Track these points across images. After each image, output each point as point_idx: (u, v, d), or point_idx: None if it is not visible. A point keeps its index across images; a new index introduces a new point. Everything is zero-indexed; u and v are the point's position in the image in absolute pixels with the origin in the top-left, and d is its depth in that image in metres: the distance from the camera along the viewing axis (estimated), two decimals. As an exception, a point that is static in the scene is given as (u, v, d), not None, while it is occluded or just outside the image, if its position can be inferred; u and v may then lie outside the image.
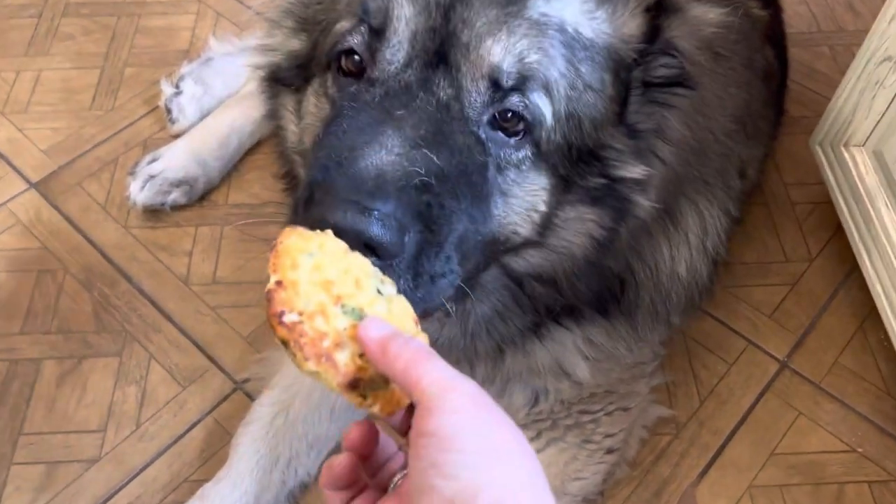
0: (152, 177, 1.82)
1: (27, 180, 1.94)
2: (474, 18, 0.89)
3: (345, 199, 0.81)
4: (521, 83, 0.90)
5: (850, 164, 1.58)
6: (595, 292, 1.15)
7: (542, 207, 0.96)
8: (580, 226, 1.02)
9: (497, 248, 1.00)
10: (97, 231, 1.84)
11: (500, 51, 0.89)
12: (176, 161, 1.85)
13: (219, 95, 1.98)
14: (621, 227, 1.05)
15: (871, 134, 1.55)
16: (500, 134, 0.92)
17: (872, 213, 1.53)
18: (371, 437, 0.79)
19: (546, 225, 0.99)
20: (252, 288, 1.75)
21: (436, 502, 0.63)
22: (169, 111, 1.98)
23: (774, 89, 1.59)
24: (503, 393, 1.35)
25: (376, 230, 0.80)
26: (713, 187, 1.23)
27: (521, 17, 0.90)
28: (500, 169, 0.93)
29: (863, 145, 1.58)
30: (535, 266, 1.07)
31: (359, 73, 0.95)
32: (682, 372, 1.63)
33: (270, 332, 1.62)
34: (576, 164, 0.95)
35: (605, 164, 0.98)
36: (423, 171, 0.84)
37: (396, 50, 0.92)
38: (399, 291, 0.78)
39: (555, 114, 0.91)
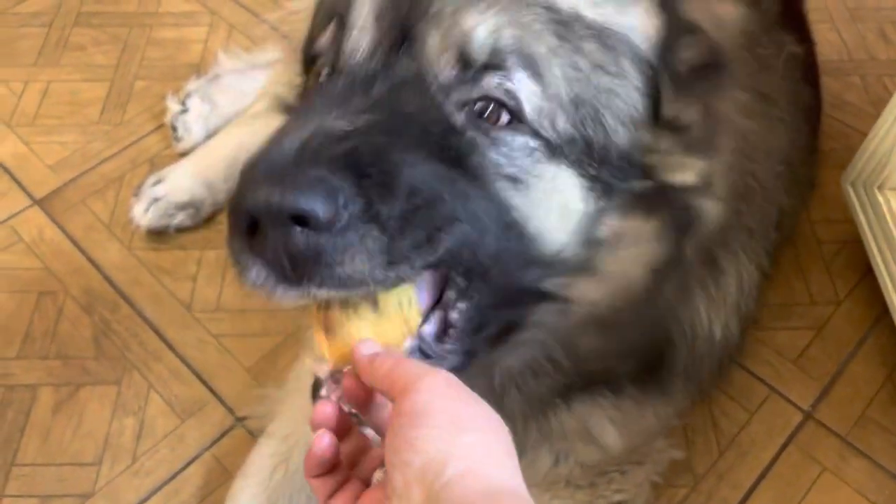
0: (157, 199, 1.77)
1: (31, 197, 1.89)
2: None
3: (259, 179, 0.73)
4: (498, 59, 0.78)
5: (885, 207, 1.51)
6: (642, 353, 1.06)
7: (578, 205, 0.83)
8: (636, 247, 0.88)
9: (534, 261, 0.85)
10: (100, 252, 1.80)
11: (473, 20, 0.78)
12: (181, 183, 1.80)
13: (226, 114, 1.93)
14: (686, 244, 0.92)
15: (907, 178, 1.47)
16: (484, 122, 0.80)
17: (906, 260, 1.45)
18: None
19: (591, 236, 0.86)
20: (256, 316, 1.69)
21: (408, 475, 0.66)
22: (175, 129, 1.93)
23: (814, 132, 1.51)
24: (528, 455, 1.27)
25: (296, 199, 0.70)
26: (754, 240, 1.15)
27: None
28: (497, 154, 0.81)
29: (898, 189, 1.51)
30: (587, 297, 0.92)
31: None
32: (702, 418, 1.56)
33: (272, 365, 1.58)
34: (604, 166, 0.83)
35: (649, 170, 0.87)
36: (351, 127, 0.75)
37: (361, 34, 0.83)
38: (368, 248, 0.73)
39: (550, 97, 0.79)
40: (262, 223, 0.72)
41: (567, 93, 0.80)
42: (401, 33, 0.81)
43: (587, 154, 0.82)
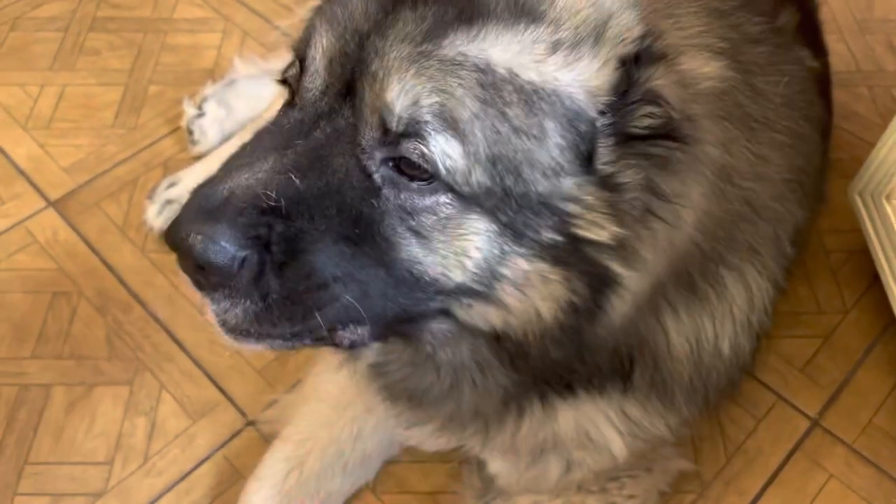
0: (170, 202, 1.79)
1: (46, 198, 1.92)
2: (387, 50, 0.85)
3: (185, 220, 0.83)
4: (414, 128, 0.83)
5: (892, 217, 1.52)
6: (589, 365, 1.07)
7: (475, 253, 0.88)
8: (542, 286, 0.92)
9: (426, 289, 0.92)
10: (114, 254, 1.82)
11: (396, 92, 0.83)
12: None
13: (241, 118, 1.95)
14: (606, 299, 0.95)
15: (914, 188, 1.49)
16: (403, 177, 0.86)
17: (914, 269, 1.47)
18: None
19: (488, 275, 0.90)
20: (268, 319, 1.71)
21: None
22: (191, 133, 1.95)
23: (827, 148, 1.52)
24: (537, 462, 1.29)
25: (201, 252, 0.81)
26: (764, 256, 1.15)
27: (432, 58, 0.83)
28: (407, 212, 0.86)
29: (905, 198, 1.52)
30: (488, 321, 0.97)
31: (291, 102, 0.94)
32: (709, 425, 1.57)
33: (282, 368, 1.59)
34: (521, 212, 0.87)
35: (565, 218, 0.89)
36: (273, 195, 0.83)
37: (314, 77, 0.90)
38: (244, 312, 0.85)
39: (470, 155, 0.83)
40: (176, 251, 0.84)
41: (486, 151, 0.84)
42: (346, 85, 0.88)
43: (504, 202, 0.86)
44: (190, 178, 1.84)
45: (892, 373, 1.64)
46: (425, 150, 0.83)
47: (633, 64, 0.87)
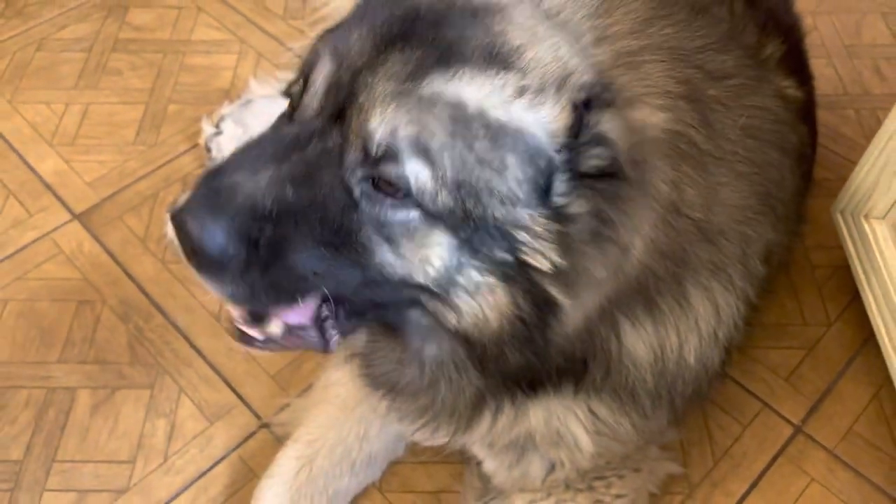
0: (190, 215, 1.88)
1: (71, 212, 2.02)
2: (374, 85, 0.97)
3: (191, 206, 0.95)
4: (391, 154, 0.95)
5: (870, 236, 1.61)
6: (547, 368, 1.16)
7: (436, 262, 1.00)
8: (490, 297, 1.03)
9: (395, 285, 1.05)
10: (135, 265, 1.92)
11: (377, 123, 0.95)
12: (213, 200, 1.92)
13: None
14: (548, 317, 1.05)
15: (891, 208, 1.58)
16: (379, 193, 0.99)
17: (890, 285, 1.55)
18: None
19: (446, 280, 1.03)
20: (281, 327, 1.81)
21: None
22: (209, 150, 2.06)
23: (807, 172, 1.60)
24: (520, 461, 1.39)
25: (197, 239, 0.94)
26: (730, 275, 1.24)
27: (412, 95, 0.95)
28: (381, 223, 0.99)
29: (883, 218, 1.61)
30: (447, 319, 1.08)
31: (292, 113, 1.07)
32: (698, 430, 1.66)
33: (296, 373, 1.71)
34: (478, 231, 0.99)
35: (514, 244, 1.00)
36: (269, 204, 0.96)
37: (312, 97, 1.02)
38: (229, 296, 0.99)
39: (438, 178, 0.95)
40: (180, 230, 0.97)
41: (452, 176, 0.96)
42: (337, 109, 1.00)
43: (464, 221, 0.98)
44: (208, 194, 1.94)
45: (872, 383, 1.73)
46: (399, 173, 0.95)
47: (585, 109, 0.98)
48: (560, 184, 0.99)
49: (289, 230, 0.98)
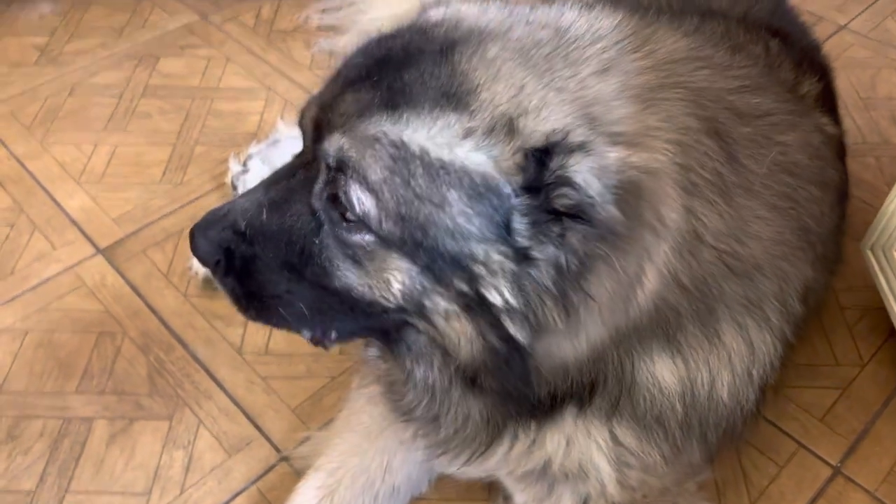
0: (215, 248, 1.89)
1: (95, 246, 2.03)
2: (332, 119, 1.05)
3: (198, 223, 1.14)
4: (341, 168, 1.02)
5: (903, 268, 1.60)
6: (541, 392, 1.14)
7: (397, 286, 1.04)
8: (458, 325, 1.06)
9: (373, 308, 1.10)
10: (157, 298, 1.91)
11: (330, 142, 1.04)
12: (238, 234, 1.93)
13: (283, 175, 2.07)
14: (522, 354, 1.06)
15: (922, 240, 1.57)
16: (335, 212, 1.05)
17: (926, 318, 1.53)
18: None
19: (416, 303, 1.06)
20: (302, 360, 1.78)
21: None
22: (235, 188, 2.08)
23: (844, 211, 1.59)
24: (550, 494, 1.34)
25: (197, 245, 1.13)
26: (766, 312, 1.21)
27: (358, 131, 1.01)
28: (343, 242, 1.05)
29: (914, 251, 1.60)
30: (433, 338, 1.11)
31: None
32: (731, 470, 1.61)
33: (317, 406, 1.69)
34: (435, 261, 1.01)
35: (472, 276, 1.02)
36: (243, 224, 1.10)
37: (303, 136, 1.13)
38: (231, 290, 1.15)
39: (381, 208, 1.00)
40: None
41: (394, 209, 1.00)
42: (314, 144, 1.09)
43: (418, 250, 1.02)
44: (233, 228, 1.95)
45: (911, 424, 1.68)
46: (346, 191, 1.01)
47: (546, 154, 0.98)
48: (520, 225, 1.00)
49: (259, 249, 1.10)
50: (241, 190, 2.06)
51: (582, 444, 1.28)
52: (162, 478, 1.59)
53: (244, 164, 2.09)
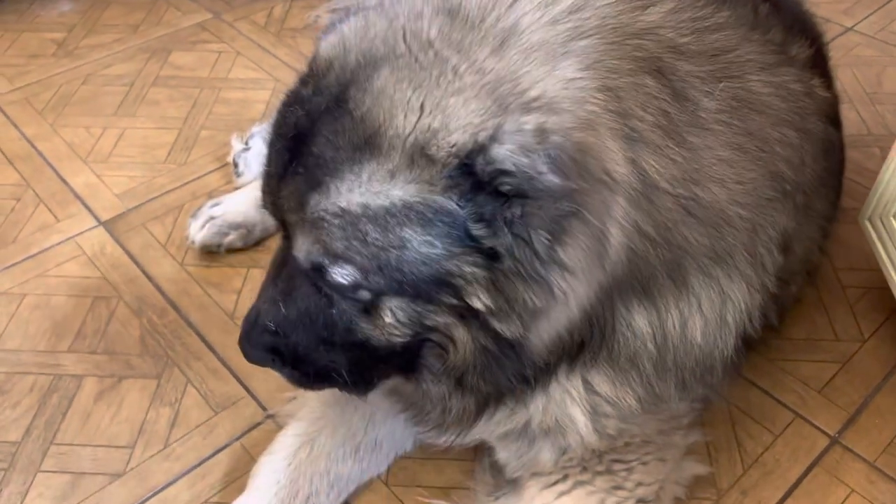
0: (213, 218, 1.91)
1: (97, 219, 2.06)
2: (285, 215, 1.09)
3: (241, 339, 1.21)
4: (318, 268, 1.07)
5: (900, 233, 1.57)
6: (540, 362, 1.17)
7: (390, 320, 1.10)
8: (455, 333, 1.11)
9: (390, 349, 1.16)
10: (154, 266, 1.93)
11: (298, 249, 1.08)
12: (237, 206, 1.94)
13: (283, 153, 2.10)
14: (505, 352, 1.11)
15: (919, 204, 1.54)
16: (333, 291, 1.10)
17: (925, 283, 1.49)
18: None
19: (419, 326, 1.11)
20: (294, 327, 1.77)
21: None
22: (236, 165, 2.10)
23: (835, 169, 1.57)
24: (531, 447, 1.33)
25: (248, 354, 1.21)
26: (736, 261, 1.21)
27: (306, 222, 1.05)
28: (353, 301, 1.10)
29: (912, 216, 1.57)
30: (447, 348, 1.15)
31: None
32: (725, 437, 1.56)
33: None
34: (422, 287, 1.05)
35: (456, 289, 1.05)
36: (270, 322, 1.16)
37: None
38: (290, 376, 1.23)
39: (359, 269, 1.04)
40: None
41: (371, 265, 1.03)
42: (282, 223, 1.13)
43: (402, 287, 1.06)
44: (231, 201, 1.97)
45: (913, 397, 1.63)
46: (329, 279, 1.07)
47: (468, 162, 0.98)
48: (478, 230, 1.01)
49: (294, 337, 1.16)
50: (241, 167, 2.08)
51: (557, 398, 1.26)
52: (147, 432, 1.59)
53: (246, 143, 2.12)
